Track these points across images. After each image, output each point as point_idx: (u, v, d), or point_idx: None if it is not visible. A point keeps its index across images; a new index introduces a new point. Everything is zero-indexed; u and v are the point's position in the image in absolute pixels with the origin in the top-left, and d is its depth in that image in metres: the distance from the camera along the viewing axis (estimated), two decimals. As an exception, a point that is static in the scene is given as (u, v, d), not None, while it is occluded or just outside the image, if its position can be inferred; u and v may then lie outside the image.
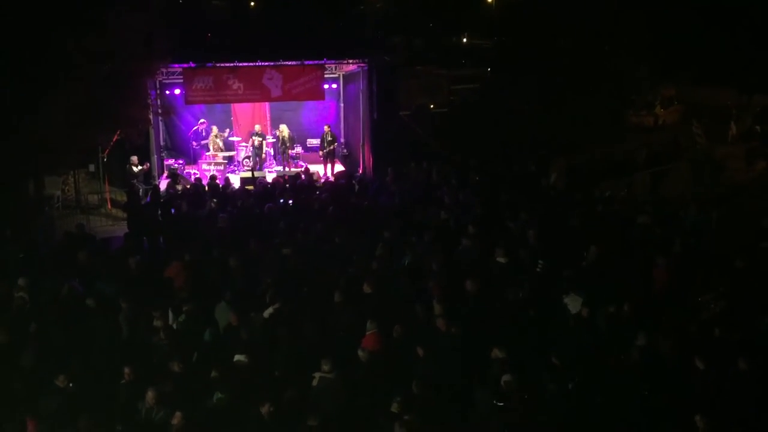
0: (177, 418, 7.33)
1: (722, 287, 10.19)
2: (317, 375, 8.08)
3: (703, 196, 16.69)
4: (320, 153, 20.86)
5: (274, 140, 21.30)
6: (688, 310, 9.74)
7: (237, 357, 8.41)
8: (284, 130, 20.74)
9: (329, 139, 20.74)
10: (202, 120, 20.81)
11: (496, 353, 8.14)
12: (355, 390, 8.05)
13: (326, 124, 21.15)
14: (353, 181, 16.91)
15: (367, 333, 8.79)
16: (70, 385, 8.00)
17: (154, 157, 19.46)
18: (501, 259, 10.75)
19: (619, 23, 23.77)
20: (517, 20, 29.56)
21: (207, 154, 20.35)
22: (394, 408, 7.41)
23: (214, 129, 20.49)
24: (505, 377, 7.72)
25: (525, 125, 23.68)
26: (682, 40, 24.35)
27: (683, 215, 13.66)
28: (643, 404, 7.84)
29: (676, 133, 23.88)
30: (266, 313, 9.42)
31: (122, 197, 17.77)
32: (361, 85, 20.61)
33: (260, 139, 20.71)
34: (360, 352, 8.36)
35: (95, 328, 9.32)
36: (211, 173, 18.36)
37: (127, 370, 8.08)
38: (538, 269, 10.64)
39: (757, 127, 23.16)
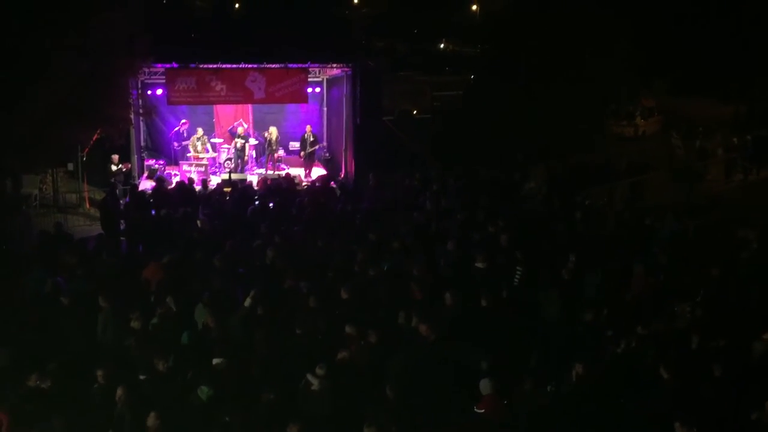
0: (152, 419, 7.26)
1: (699, 296, 10.30)
2: (310, 378, 8.02)
3: (682, 206, 16.89)
4: (301, 154, 20.85)
5: (257, 143, 21.21)
6: (665, 318, 9.82)
7: (215, 360, 8.35)
8: (273, 132, 20.65)
9: (311, 140, 20.73)
10: (183, 120, 20.66)
11: (479, 361, 8.14)
12: (337, 394, 8.02)
13: (308, 124, 21.16)
14: (335, 185, 16.88)
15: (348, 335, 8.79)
16: (43, 385, 7.89)
17: (135, 157, 19.30)
18: (480, 265, 10.78)
19: (599, 30, 24.05)
20: (500, 28, 29.81)
21: (188, 155, 20.20)
22: (367, 411, 7.41)
23: (199, 131, 20.33)
24: (483, 382, 7.74)
25: (506, 132, 23.85)
26: (661, 49, 24.70)
27: (660, 225, 13.79)
28: (620, 410, 7.89)
29: (656, 143, 24.20)
30: (244, 307, 9.35)
31: (101, 196, 17.62)
32: (344, 89, 20.61)
33: (243, 141, 20.61)
34: (339, 356, 8.33)
35: (70, 327, 9.21)
36: (190, 176, 18.17)
37: (100, 372, 7.98)
38: (516, 276, 10.69)
39: (734, 139, 23.53)
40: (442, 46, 43.46)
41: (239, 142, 20.51)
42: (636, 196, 18.83)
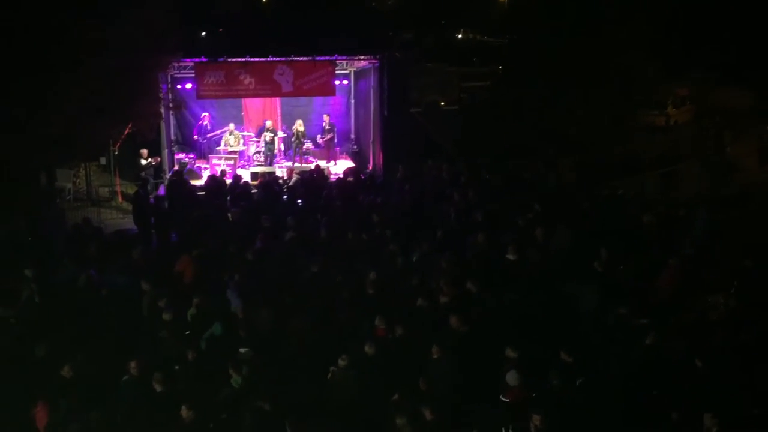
0: (185, 412, 7.36)
1: (732, 288, 10.14)
2: (333, 369, 8.10)
3: (715, 197, 16.62)
4: (318, 138, 21.26)
5: (285, 135, 21.32)
6: (697, 311, 9.70)
7: (242, 350, 8.45)
8: (299, 125, 20.79)
9: (327, 128, 21.00)
10: (204, 114, 20.82)
11: (509, 352, 8.13)
12: (366, 385, 8.06)
13: (326, 114, 21.34)
14: (362, 178, 16.91)
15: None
16: (77, 375, 8.03)
17: (165, 151, 19.51)
18: (511, 257, 10.73)
19: (630, 19, 23.62)
20: (528, 18, 29.45)
21: (217, 148, 20.38)
22: (396, 399, 7.43)
23: (231, 126, 20.50)
24: (511, 373, 7.72)
25: (535, 123, 23.62)
26: (694, 38, 24.21)
27: (693, 216, 13.58)
28: (650, 403, 7.82)
29: (688, 133, 23.80)
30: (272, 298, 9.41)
31: (132, 190, 17.86)
32: (371, 81, 20.60)
33: (272, 134, 20.75)
34: (367, 348, 8.37)
35: (106, 319, 9.37)
36: (222, 169, 18.34)
37: (132, 364, 8.09)
38: (547, 268, 10.62)
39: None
40: (460, 36, 43.07)
41: (268, 135, 20.64)
42: (668, 187, 18.56)
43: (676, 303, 9.95)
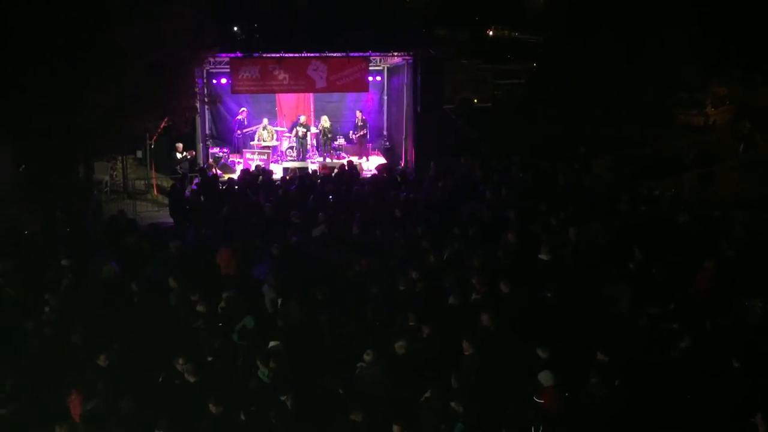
0: (214, 407, 7.44)
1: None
2: (359, 365, 8.13)
3: (754, 198, 16.28)
4: (351, 134, 21.56)
5: (318, 131, 21.42)
6: (734, 314, 9.51)
7: (272, 343, 8.51)
8: (325, 121, 20.87)
9: (360, 124, 21.20)
10: (243, 108, 21.01)
11: (539, 352, 8.07)
12: (395, 380, 8.06)
13: (358, 110, 21.56)
14: (395, 175, 16.89)
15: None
16: (112, 365, 8.16)
17: (200, 145, 19.73)
18: (544, 257, 10.63)
19: (668, 17, 23.24)
20: (564, 14, 29.15)
21: (251, 143, 20.55)
22: (427, 395, 7.45)
23: (264, 121, 20.66)
24: (544, 373, 7.67)
25: (570, 121, 23.38)
26: (734, 36, 23.70)
27: (730, 217, 13.31)
28: (686, 406, 7.70)
29: (726, 133, 23.34)
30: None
31: (167, 183, 18.08)
32: (405, 77, 20.58)
33: (304, 129, 20.85)
34: (397, 345, 8.36)
35: (141, 310, 9.51)
36: (257, 165, 18.54)
37: (180, 360, 8.09)
38: (580, 268, 10.50)
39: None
40: (494, 33, 42.64)
41: (300, 130, 20.76)
42: (706, 188, 18.21)
43: (712, 306, 9.76)
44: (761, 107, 24.96)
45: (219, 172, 18.69)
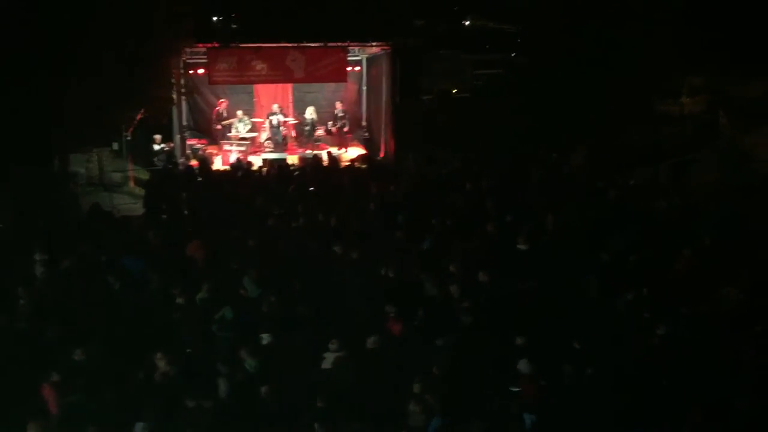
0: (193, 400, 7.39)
1: (746, 279, 10.05)
2: (328, 356, 8.12)
3: (730, 187, 16.44)
4: (329, 125, 21.31)
5: (296, 122, 21.27)
6: (710, 301, 9.63)
7: (263, 336, 8.48)
8: (311, 111, 20.84)
9: (339, 115, 21.17)
10: (222, 99, 20.81)
11: (518, 340, 8.11)
12: (367, 371, 8.07)
13: (338, 101, 21.47)
14: (373, 165, 16.88)
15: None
16: (88, 359, 8.08)
17: (177, 137, 19.53)
18: (522, 246, 10.68)
19: (651, 5, 23.27)
20: (543, 3, 29.11)
21: (228, 135, 20.36)
22: (416, 389, 7.44)
23: (239, 113, 20.47)
24: (522, 362, 7.71)
25: (548, 111, 23.42)
26: (717, 26, 23.71)
27: (707, 206, 13.46)
28: (660, 393, 7.79)
29: (701, 122, 23.49)
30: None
31: (145, 175, 17.91)
32: (383, 68, 20.51)
33: (278, 118, 20.67)
34: (371, 338, 8.34)
35: (117, 303, 9.43)
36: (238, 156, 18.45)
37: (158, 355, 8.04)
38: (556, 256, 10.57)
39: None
40: (471, 23, 42.54)
41: (275, 119, 20.57)
42: (683, 177, 18.38)
43: (689, 294, 9.87)
44: (736, 97, 25.19)
45: (195, 163, 18.51)
